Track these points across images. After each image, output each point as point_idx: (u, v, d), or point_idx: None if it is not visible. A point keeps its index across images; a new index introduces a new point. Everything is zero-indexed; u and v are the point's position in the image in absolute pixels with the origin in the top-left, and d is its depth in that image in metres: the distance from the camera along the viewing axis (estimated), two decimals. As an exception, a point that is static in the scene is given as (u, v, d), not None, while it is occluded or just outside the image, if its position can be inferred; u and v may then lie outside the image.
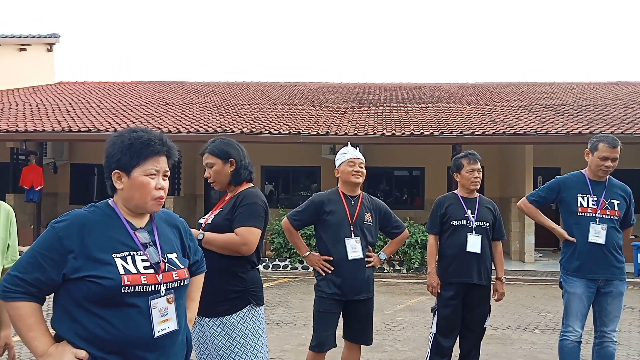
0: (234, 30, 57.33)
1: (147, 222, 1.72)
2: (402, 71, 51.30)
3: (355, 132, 10.07)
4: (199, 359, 2.51)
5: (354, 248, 3.16)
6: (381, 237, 4.64)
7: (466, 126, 10.40)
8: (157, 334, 1.59)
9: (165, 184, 1.70)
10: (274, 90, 16.41)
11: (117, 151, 1.65)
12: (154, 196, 1.65)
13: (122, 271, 1.55)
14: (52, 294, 1.59)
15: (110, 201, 1.70)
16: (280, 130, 10.19)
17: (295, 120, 11.35)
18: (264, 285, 2.71)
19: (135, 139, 1.66)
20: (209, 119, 11.49)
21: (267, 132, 10.17)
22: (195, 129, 10.33)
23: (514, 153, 11.72)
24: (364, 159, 3.32)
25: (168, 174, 1.72)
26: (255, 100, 14.64)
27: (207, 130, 10.12)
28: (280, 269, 9.99)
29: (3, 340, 2.23)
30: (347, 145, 3.41)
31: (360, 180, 3.27)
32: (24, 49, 17.76)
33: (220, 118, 11.68)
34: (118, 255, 1.58)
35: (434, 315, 3.61)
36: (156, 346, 1.60)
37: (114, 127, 10.32)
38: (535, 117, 11.16)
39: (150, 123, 10.98)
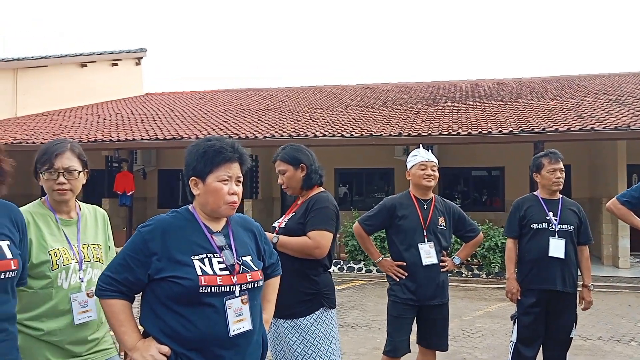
0: (309, 35, 58.29)
1: (224, 226, 1.80)
2: (479, 67, 49.47)
3: (429, 132, 9.87)
4: (275, 359, 2.60)
5: (428, 253, 3.11)
6: (456, 240, 4.51)
7: (549, 123, 9.82)
8: (232, 333, 1.66)
9: (239, 189, 1.78)
10: (346, 93, 16.48)
11: (193, 159, 1.75)
12: (227, 201, 1.73)
13: (199, 272, 1.64)
14: (140, 293, 1.73)
15: (190, 207, 1.81)
16: (353, 133, 10.22)
17: (367, 122, 11.34)
18: (339, 287, 2.75)
19: (208, 147, 1.75)
20: (284, 124, 11.78)
21: (339, 135, 10.24)
22: (270, 134, 10.64)
23: (604, 150, 10.89)
24: (436, 162, 3.25)
25: (241, 179, 1.80)
26: (328, 103, 14.80)
27: (281, 135, 10.38)
28: (355, 271, 10.01)
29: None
30: (419, 147, 3.37)
31: (432, 184, 3.21)
32: (116, 64, 19.25)
33: (294, 123, 11.93)
34: (196, 257, 1.67)
35: (514, 323, 3.46)
36: (232, 344, 1.67)
37: (195, 135, 10.88)
38: (628, 110, 10.30)
39: (228, 129, 11.47)
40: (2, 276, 1.56)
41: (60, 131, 12.56)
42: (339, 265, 9.97)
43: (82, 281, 1.96)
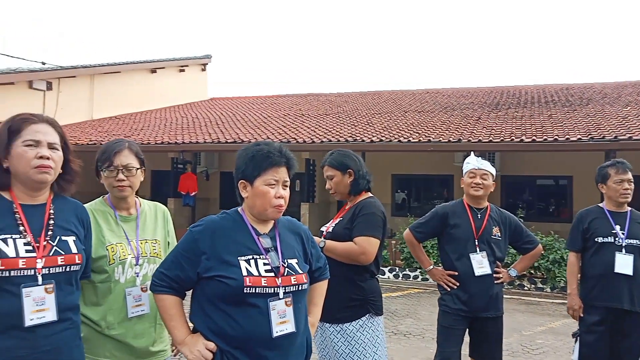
0: (371, 40, 58.21)
1: (271, 229, 1.85)
2: (547, 72, 47.29)
3: (490, 139, 9.56)
4: None
5: (480, 264, 3.02)
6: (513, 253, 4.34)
7: (622, 130, 9.23)
8: (275, 334, 1.69)
9: (285, 192, 1.82)
10: (405, 98, 16.30)
11: (242, 163, 1.81)
12: (273, 204, 1.78)
13: (244, 273, 1.69)
14: (190, 291, 1.80)
15: (239, 209, 1.86)
16: (410, 139, 10.10)
17: (425, 128, 11.16)
18: (393, 294, 2.74)
19: (256, 151, 1.80)
20: (341, 129, 11.83)
21: (396, 140, 10.15)
22: (327, 139, 10.72)
23: (687, 160, 10.07)
24: (488, 170, 3.13)
25: (288, 183, 1.83)
26: (386, 109, 14.70)
27: (338, 140, 10.43)
28: (411, 279, 9.86)
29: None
30: (471, 155, 3.28)
31: (480, 193, 3.10)
32: (183, 70, 20.13)
33: (352, 128, 11.95)
34: (243, 258, 1.72)
35: (575, 341, 3.28)
36: (275, 345, 1.70)
37: (255, 139, 11.16)
38: None
39: (287, 134, 11.67)
40: (68, 269, 1.68)
41: (131, 133, 13.29)
42: (394, 272, 9.86)
43: (137, 276, 2.06)
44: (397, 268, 9.97)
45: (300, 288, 1.79)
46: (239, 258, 1.71)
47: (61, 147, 1.74)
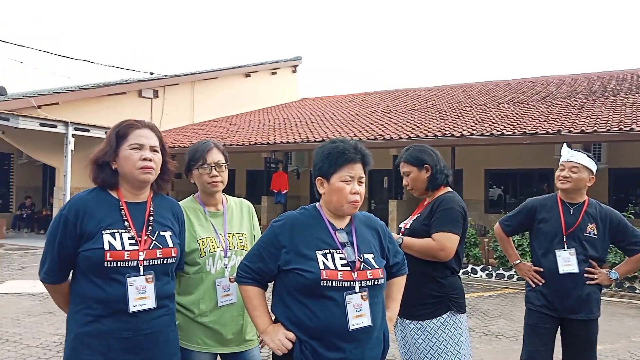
0: (463, 32, 56.02)
1: (347, 224, 1.90)
2: (668, 51, 42.30)
3: (595, 128, 8.82)
4: (403, 359, 2.63)
5: (567, 261, 2.86)
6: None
7: None
8: (351, 327, 1.74)
9: (361, 188, 1.86)
10: (500, 89, 15.53)
11: (319, 160, 1.88)
12: (349, 200, 1.82)
13: (321, 266, 1.74)
14: (272, 282, 1.90)
15: (317, 204, 1.94)
16: (504, 131, 9.62)
17: (521, 119, 10.56)
18: (486, 294, 2.69)
19: (332, 149, 1.86)
20: (430, 124, 11.58)
21: (488, 133, 9.72)
22: (415, 134, 10.55)
23: None
24: (580, 162, 2.90)
25: (363, 179, 1.87)
26: (478, 101, 14.12)
27: (426, 135, 10.23)
28: (505, 278, 9.41)
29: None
30: (563, 146, 3.09)
31: (567, 186, 2.92)
32: (275, 73, 20.88)
33: (441, 122, 11.65)
34: (320, 252, 1.79)
35: None
36: (352, 338, 1.75)
37: (343, 136, 11.27)
38: None
39: (374, 131, 11.67)
40: (165, 261, 1.87)
41: (227, 135, 14.07)
42: (486, 271, 9.48)
43: (226, 267, 2.21)
44: (490, 267, 9.57)
45: (376, 283, 1.81)
46: (316, 252, 1.77)
47: (160, 149, 1.93)
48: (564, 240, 2.89)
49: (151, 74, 16.91)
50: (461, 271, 9.42)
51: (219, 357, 2.27)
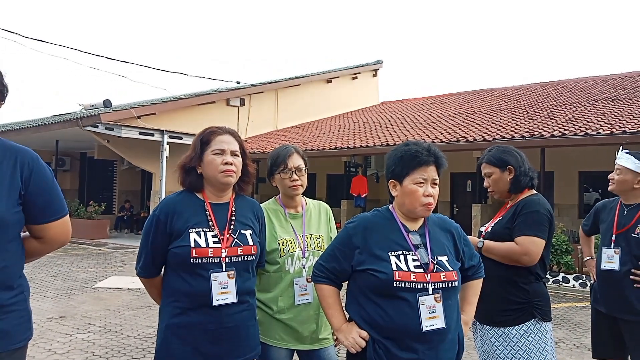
0: (554, 28, 52.72)
1: (420, 226, 1.89)
2: None
3: None
4: None
5: (610, 258, 2.91)
6: None
7: None
8: (424, 329, 1.73)
9: (434, 191, 1.84)
10: (596, 86, 14.43)
11: (392, 163, 1.89)
12: (422, 202, 1.82)
13: (394, 267, 1.76)
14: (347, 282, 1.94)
15: (390, 206, 1.95)
16: (600, 131, 8.93)
17: (620, 117, 9.74)
18: (577, 305, 2.63)
19: (405, 151, 1.87)
20: (516, 124, 11.04)
21: (582, 133, 9.08)
22: (501, 135, 10.11)
23: None
24: (622, 164, 2.91)
25: (437, 181, 1.86)
26: (571, 99, 13.23)
27: (512, 137, 9.76)
28: (604, 289, 8.71)
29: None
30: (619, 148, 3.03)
31: (611, 187, 2.99)
32: (355, 77, 20.99)
33: (529, 122, 11.06)
34: (393, 253, 1.79)
35: None
36: (425, 339, 1.74)
37: (423, 139, 11.09)
38: None
39: (456, 133, 11.34)
40: (246, 259, 1.98)
41: (308, 140, 14.38)
42: (580, 281, 8.82)
43: (304, 267, 2.29)
44: (584, 276, 8.91)
45: (450, 285, 1.80)
46: (389, 253, 1.79)
47: (240, 153, 2.05)
48: (612, 239, 2.93)
49: (238, 83, 17.71)
50: (551, 280, 8.88)
51: (296, 353, 2.34)
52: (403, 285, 1.75)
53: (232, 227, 1.98)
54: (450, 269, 1.82)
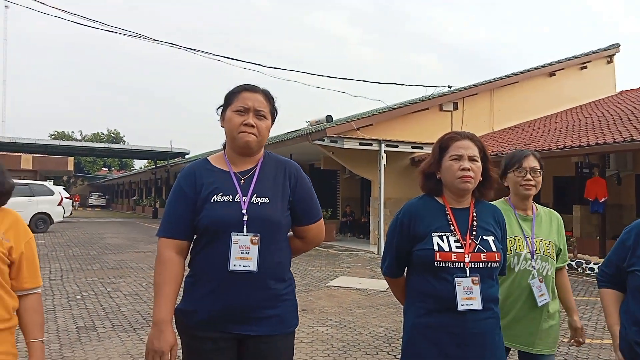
0: None
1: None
2: None
3: None
4: None
5: None
6: None
7: None
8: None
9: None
10: None
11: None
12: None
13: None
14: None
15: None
16: None
17: None
18: None
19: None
20: None
21: None
22: None
23: None
24: None
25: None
26: None
27: None
28: None
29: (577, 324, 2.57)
30: None
31: None
32: (584, 67, 18.66)
33: None
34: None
35: None
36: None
37: (684, 131, 9.18)
38: None
39: None
40: (489, 265, 1.96)
41: (530, 141, 13.28)
42: None
43: (533, 269, 2.34)
44: None
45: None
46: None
47: (480, 158, 2.04)
48: None
49: (449, 87, 17.47)
50: None
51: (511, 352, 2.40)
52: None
53: (474, 232, 2.00)
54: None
